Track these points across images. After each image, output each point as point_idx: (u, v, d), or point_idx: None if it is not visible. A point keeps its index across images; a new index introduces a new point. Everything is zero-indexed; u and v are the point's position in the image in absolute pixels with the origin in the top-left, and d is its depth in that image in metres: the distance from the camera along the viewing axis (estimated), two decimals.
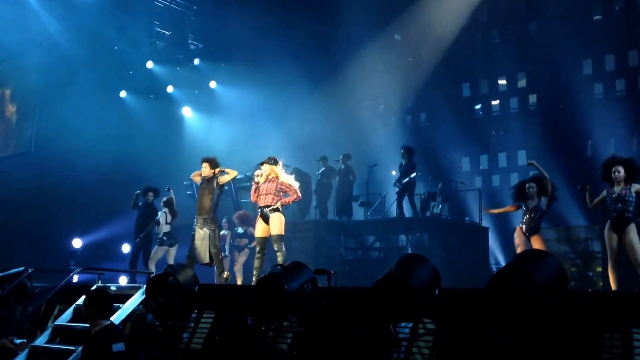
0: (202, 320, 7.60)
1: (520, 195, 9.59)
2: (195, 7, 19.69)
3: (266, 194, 9.26)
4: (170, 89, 20.75)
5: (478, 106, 23.78)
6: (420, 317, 5.96)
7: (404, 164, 14.61)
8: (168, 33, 19.69)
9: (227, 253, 13.15)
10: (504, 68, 22.77)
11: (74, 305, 8.33)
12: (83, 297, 6.92)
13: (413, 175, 14.47)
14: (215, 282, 10.25)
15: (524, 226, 9.33)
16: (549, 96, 21.25)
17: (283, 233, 9.23)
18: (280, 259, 8.83)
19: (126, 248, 15.93)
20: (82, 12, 17.18)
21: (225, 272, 9.82)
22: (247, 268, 12.90)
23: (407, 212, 15.11)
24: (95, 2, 17.00)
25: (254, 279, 9.04)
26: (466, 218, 16.60)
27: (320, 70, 20.50)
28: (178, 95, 21.06)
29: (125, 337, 6.70)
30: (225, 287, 9.15)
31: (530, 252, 6.74)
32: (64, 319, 8.19)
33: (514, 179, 20.50)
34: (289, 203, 9.44)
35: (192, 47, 20.38)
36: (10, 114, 19.85)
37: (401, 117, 24.51)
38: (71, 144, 17.27)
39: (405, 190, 14.60)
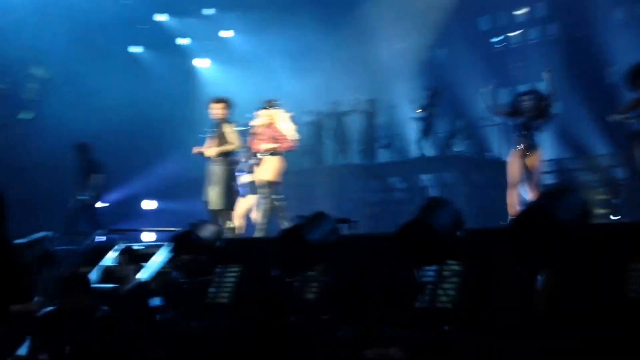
0: (227, 274, 7.60)
1: (514, 109, 8.63)
2: None
3: (260, 140, 8.98)
4: (182, 40, 20.53)
5: (497, 39, 23.31)
6: (444, 260, 5.92)
7: (427, 102, 14.48)
8: None
9: None
10: None
11: (98, 265, 8.40)
12: (118, 255, 6.98)
13: (435, 108, 14.38)
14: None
15: (521, 147, 8.37)
16: (570, 24, 20.70)
17: (275, 180, 8.83)
18: (265, 208, 8.61)
19: (145, 204, 15.93)
20: None
21: (231, 223, 9.28)
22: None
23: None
24: None
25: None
26: (488, 154, 16.45)
27: (336, 12, 20.10)
28: (191, 46, 20.84)
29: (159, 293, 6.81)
30: (249, 240, 9.13)
31: (552, 188, 6.66)
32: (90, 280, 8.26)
33: None
34: (280, 150, 8.99)
35: None
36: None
37: (418, 55, 24.09)
38: (83, 103, 17.13)
39: (428, 124, 14.52)
